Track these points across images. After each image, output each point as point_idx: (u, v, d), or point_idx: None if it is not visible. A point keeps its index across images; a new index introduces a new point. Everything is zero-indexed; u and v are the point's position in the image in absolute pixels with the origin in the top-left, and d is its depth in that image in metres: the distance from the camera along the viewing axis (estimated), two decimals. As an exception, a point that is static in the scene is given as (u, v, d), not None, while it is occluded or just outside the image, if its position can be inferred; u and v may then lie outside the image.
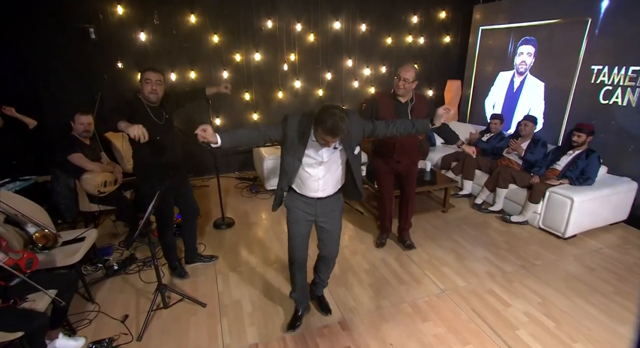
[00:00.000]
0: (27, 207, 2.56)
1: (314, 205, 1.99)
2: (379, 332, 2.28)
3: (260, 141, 1.86)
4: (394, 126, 1.98)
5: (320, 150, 1.82)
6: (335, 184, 1.99)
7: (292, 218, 2.06)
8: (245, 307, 2.54)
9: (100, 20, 4.14)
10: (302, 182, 1.94)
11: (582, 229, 3.35)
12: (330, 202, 2.02)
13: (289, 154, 1.86)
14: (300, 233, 2.08)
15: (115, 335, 2.27)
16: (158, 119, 2.44)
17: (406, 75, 2.57)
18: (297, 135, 1.79)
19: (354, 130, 1.83)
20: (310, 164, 1.87)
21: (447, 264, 2.99)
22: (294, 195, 2.01)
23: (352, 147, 1.87)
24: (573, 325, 2.30)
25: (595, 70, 3.70)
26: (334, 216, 2.07)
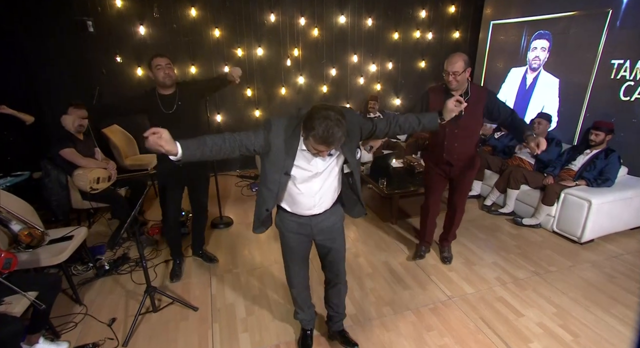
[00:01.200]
0: (14, 204, 2.46)
1: (308, 223, 1.67)
2: (380, 341, 2.12)
3: (235, 151, 1.47)
4: (396, 123, 1.67)
5: (313, 159, 1.49)
6: (332, 197, 1.67)
7: (285, 243, 1.77)
8: (239, 311, 2.40)
9: (99, 13, 4.05)
10: (292, 199, 1.61)
11: (601, 234, 3.14)
12: (328, 217, 1.69)
13: (273, 168, 1.51)
14: (297, 257, 1.79)
15: (100, 340, 2.15)
16: (166, 108, 2.34)
17: (455, 68, 2.20)
18: (284, 144, 1.45)
19: (352, 132, 1.52)
20: (302, 178, 1.53)
21: (454, 269, 2.81)
22: (284, 214, 1.69)
23: (353, 151, 1.56)
24: (593, 339, 2.11)
25: (615, 64, 3.48)
26: (335, 230, 1.75)
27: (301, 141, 1.45)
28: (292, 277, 1.87)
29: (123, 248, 3.16)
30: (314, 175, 1.54)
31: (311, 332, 2.09)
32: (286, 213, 1.68)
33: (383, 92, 5.38)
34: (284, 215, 1.70)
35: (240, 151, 1.47)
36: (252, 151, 1.48)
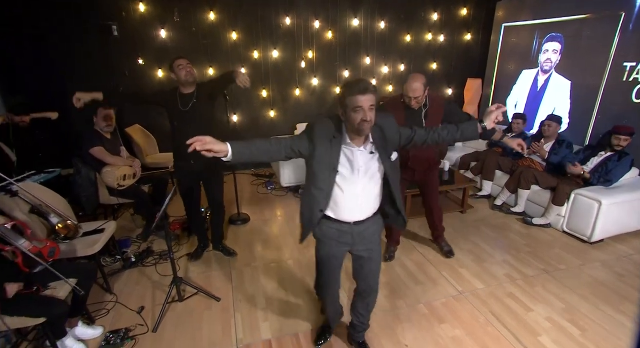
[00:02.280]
0: (51, 199, 2.64)
1: (349, 232, 1.68)
2: (394, 333, 2.23)
3: (282, 153, 1.57)
4: (435, 132, 1.66)
5: (354, 155, 1.55)
6: (374, 204, 1.70)
7: (323, 251, 1.76)
8: (259, 302, 2.53)
9: (123, 17, 4.23)
10: (336, 203, 1.63)
11: (611, 234, 3.19)
12: (370, 227, 1.71)
13: (321, 166, 1.56)
14: (333, 268, 1.78)
15: (132, 326, 2.31)
16: (182, 106, 2.50)
17: (416, 94, 2.34)
18: (330, 142, 1.54)
19: (389, 133, 1.58)
20: (346, 177, 1.58)
21: (465, 266, 2.90)
22: (326, 222, 1.69)
23: (389, 153, 1.59)
24: (601, 334, 2.19)
25: (628, 67, 3.53)
26: (374, 241, 1.76)
27: (344, 137, 1.54)
28: (323, 288, 1.87)
29: (147, 242, 3.33)
30: (356, 174, 1.57)
31: (333, 328, 2.18)
32: (328, 221, 1.69)
33: (395, 94, 5.47)
34: (325, 223, 1.70)
35: (286, 152, 1.57)
36: (298, 152, 1.57)
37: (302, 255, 3.11)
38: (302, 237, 1.77)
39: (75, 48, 4.17)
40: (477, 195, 4.20)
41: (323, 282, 1.85)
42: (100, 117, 3.15)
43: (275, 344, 2.17)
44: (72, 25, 4.08)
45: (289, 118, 5.12)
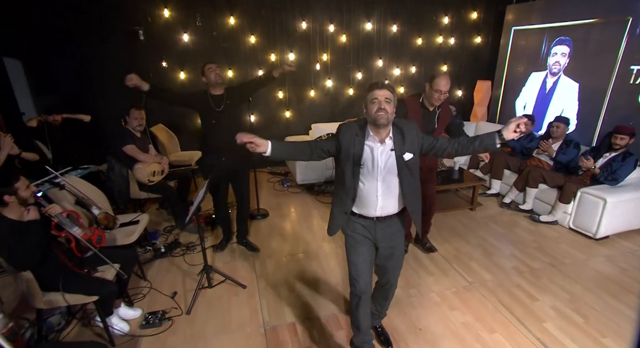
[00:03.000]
0: (91, 192, 2.87)
1: (372, 227, 1.84)
2: (408, 317, 2.41)
3: (314, 155, 1.79)
4: (457, 142, 1.77)
5: (376, 151, 1.71)
6: (395, 203, 1.82)
7: (350, 245, 1.90)
8: (281, 290, 2.73)
9: (149, 22, 4.47)
10: (359, 198, 1.80)
11: (616, 231, 3.33)
12: (392, 224, 1.86)
13: (347, 161, 1.75)
14: (362, 259, 1.87)
15: (167, 309, 2.52)
16: (216, 106, 2.72)
17: (447, 88, 2.47)
18: (351, 139, 1.73)
19: (409, 136, 1.73)
20: (367, 172, 1.74)
21: (474, 259, 3.07)
22: (352, 217, 1.87)
23: (402, 150, 1.73)
24: (603, 322, 2.34)
25: (635, 70, 3.65)
26: (397, 239, 1.90)
27: (367, 134, 1.72)
28: (356, 280, 1.89)
29: (173, 234, 3.55)
30: (375, 168, 1.72)
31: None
32: (354, 216, 1.85)
33: (406, 95, 5.64)
34: (351, 218, 1.86)
35: (316, 152, 1.79)
36: (327, 152, 1.79)
37: (319, 248, 3.30)
38: (330, 230, 1.93)
39: (104, 51, 4.41)
40: (486, 193, 4.35)
41: (353, 276, 1.90)
42: (132, 117, 3.38)
43: (299, 327, 2.36)
44: (102, 30, 4.33)
45: (304, 118, 5.31)
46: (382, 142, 1.72)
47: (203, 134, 2.92)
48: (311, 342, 2.24)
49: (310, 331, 2.32)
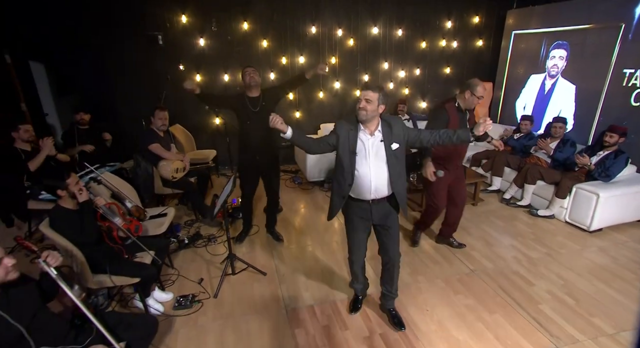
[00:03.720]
0: (122, 187, 3.12)
1: (368, 209, 2.14)
2: (417, 300, 2.65)
3: (321, 148, 2.14)
4: (437, 134, 2.09)
5: (367, 142, 2.04)
6: (385, 186, 2.10)
7: (349, 225, 2.25)
8: (299, 276, 2.97)
9: (167, 28, 4.72)
10: (356, 183, 2.10)
11: (609, 223, 3.56)
12: (384, 207, 2.16)
13: (344, 151, 2.08)
14: (359, 237, 2.26)
15: (196, 293, 2.77)
16: (252, 107, 2.97)
17: (484, 94, 2.70)
18: (347, 132, 2.07)
19: (396, 129, 2.05)
20: (360, 159, 2.05)
21: (476, 249, 3.31)
22: (350, 202, 2.18)
23: (390, 141, 2.04)
24: (592, 304, 2.58)
25: (627, 73, 3.88)
26: (390, 219, 2.20)
27: (359, 128, 2.06)
28: (353, 254, 2.34)
29: (194, 227, 3.80)
30: (366, 156, 2.05)
31: (362, 298, 2.61)
32: (352, 201, 2.17)
33: (411, 96, 5.87)
34: (349, 202, 2.18)
35: (324, 146, 2.14)
36: (331, 145, 2.13)
37: (331, 239, 3.55)
38: (330, 215, 2.27)
39: (125, 55, 4.67)
40: (488, 189, 4.58)
41: (351, 250, 2.35)
42: (157, 117, 3.62)
43: (317, 309, 2.60)
44: (124, 36, 4.59)
45: (313, 119, 5.56)
46: (372, 134, 2.06)
47: (240, 133, 3.16)
48: (328, 321, 2.48)
49: (326, 312, 2.57)
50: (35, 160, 3.34)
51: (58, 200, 2.17)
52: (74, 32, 4.46)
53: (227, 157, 5.25)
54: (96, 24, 4.49)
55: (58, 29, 4.43)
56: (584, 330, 2.34)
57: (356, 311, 2.55)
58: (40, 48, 4.67)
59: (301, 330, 2.41)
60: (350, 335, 2.36)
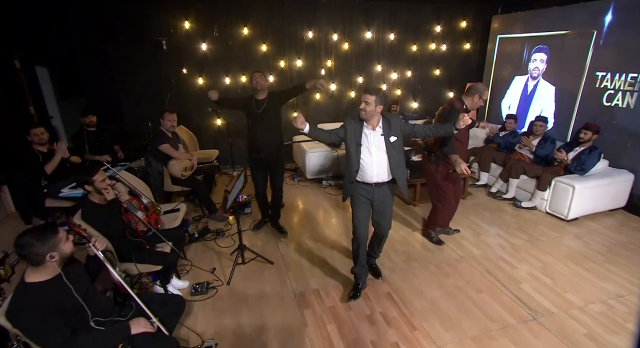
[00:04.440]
0: (137, 184, 3.34)
1: (371, 191, 2.56)
2: (411, 283, 2.94)
3: (332, 138, 2.54)
4: (428, 129, 2.53)
5: (370, 135, 2.45)
6: (385, 172, 2.52)
7: (354, 203, 2.64)
8: (304, 264, 3.24)
9: (171, 33, 4.93)
10: (362, 169, 2.52)
11: (584, 213, 3.90)
12: (384, 189, 2.58)
13: (351, 143, 2.49)
14: (362, 214, 2.63)
15: (210, 281, 3.01)
16: (256, 109, 3.24)
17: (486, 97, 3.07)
18: (354, 128, 2.49)
19: (393, 123, 2.46)
20: (365, 149, 2.47)
21: (465, 238, 3.61)
22: (357, 184, 2.58)
23: (389, 134, 2.45)
24: (566, 282, 2.90)
25: (599, 76, 4.23)
26: (387, 200, 2.63)
27: (363, 123, 2.46)
28: (357, 229, 2.65)
29: (202, 222, 4.03)
30: (369, 147, 2.47)
31: (361, 287, 2.82)
32: (357, 183, 2.58)
33: (402, 97, 6.18)
34: (356, 185, 2.59)
35: (333, 137, 2.55)
36: (340, 137, 2.54)
37: (332, 231, 3.82)
38: (344, 196, 2.70)
39: (131, 59, 4.87)
40: (475, 184, 4.91)
41: (355, 226, 2.67)
42: (167, 119, 3.84)
43: (322, 292, 2.87)
44: (129, 41, 4.79)
45: (310, 119, 5.65)
46: (374, 129, 2.46)
47: (248, 133, 3.44)
48: (333, 302, 2.75)
49: (331, 295, 2.84)
50: (50, 163, 3.53)
51: (88, 195, 2.39)
52: (81, 37, 4.65)
53: (229, 156, 5.47)
54: (103, 30, 4.68)
55: (65, 35, 4.61)
56: (558, 304, 2.66)
57: (356, 298, 2.76)
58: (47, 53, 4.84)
59: (309, 310, 2.68)
60: (353, 313, 2.64)
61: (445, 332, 2.45)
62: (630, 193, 4.02)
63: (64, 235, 1.54)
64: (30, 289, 1.46)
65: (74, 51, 4.74)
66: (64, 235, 1.54)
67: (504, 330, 2.44)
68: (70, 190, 3.34)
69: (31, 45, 4.62)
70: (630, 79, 3.91)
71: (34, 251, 1.41)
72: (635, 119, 3.93)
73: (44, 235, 1.44)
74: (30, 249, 1.40)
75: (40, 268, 1.48)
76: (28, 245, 1.40)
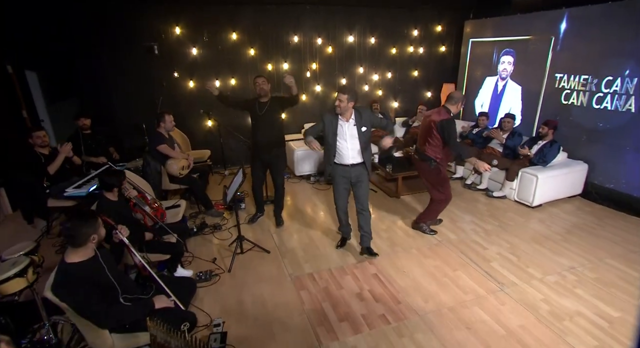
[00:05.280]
0: (139, 182, 3.55)
1: (348, 171, 3.16)
2: (395, 264, 3.29)
3: (316, 131, 3.14)
4: (386, 124, 3.24)
5: (344, 126, 3.03)
6: (357, 155, 3.12)
7: (335, 182, 3.26)
8: (298, 252, 3.54)
9: (163, 38, 5.12)
10: (339, 154, 3.13)
11: (546, 200, 4.36)
12: (359, 169, 3.16)
13: (329, 134, 3.07)
14: (342, 190, 3.28)
15: (212, 269, 3.26)
16: (259, 110, 3.53)
17: None
18: (330, 120, 3.06)
19: (365, 116, 3.03)
20: (341, 137, 3.06)
21: (443, 225, 4.00)
22: (336, 166, 3.19)
23: (360, 125, 3.03)
24: (529, 259, 3.32)
25: (558, 77, 4.71)
26: (363, 178, 3.20)
27: (338, 118, 3.02)
28: (338, 202, 3.35)
29: (199, 218, 4.26)
30: (344, 135, 3.05)
31: (347, 239, 3.58)
32: (337, 165, 3.19)
33: (384, 97, 6.56)
34: (336, 166, 3.20)
35: (316, 131, 3.15)
36: (320, 129, 3.13)
37: (323, 222, 4.13)
38: (325, 176, 3.42)
39: (123, 64, 5.03)
40: (452, 177, 5.32)
41: (336, 200, 3.35)
42: (167, 121, 4.05)
43: (316, 275, 3.18)
44: (122, 46, 4.95)
45: (297, 118, 6.11)
46: (347, 120, 3.02)
47: (251, 132, 3.75)
48: (326, 283, 3.07)
49: (324, 277, 3.15)
50: (53, 163, 3.69)
51: (104, 192, 2.62)
52: (74, 42, 4.78)
53: (220, 156, 5.69)
54: (97, 36, 4.83)
55: (59, 39, 4.73)
56: (521, 277, 3.06)
57: (342, 246, 3.58)
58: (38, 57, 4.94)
59: (305, 291, 2.98)
60: (345, 292, 2.96)
61: (425, 304, 2.80)
62: (585, 182, 4.51)
63: (100, 221, 1.79)
64: (72, 268, 1.70)
65: (66, 56, 4.85)
66: (100, 221, 1.79)
67: (476, 300, 2.82)
68: (74, 189, 3.51)
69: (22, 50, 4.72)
70: (582, 79, 4.40)
71: (82, 231, 1.66)
72: (589, 116, 4.42)
73: (89, 219, 1.69)
74: (80, 230, 1.65)
75: (80, 249, 1.72)
76: (78, 226, 1.65)
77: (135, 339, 1.98)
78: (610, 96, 4.18)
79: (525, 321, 2.58)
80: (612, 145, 4.25)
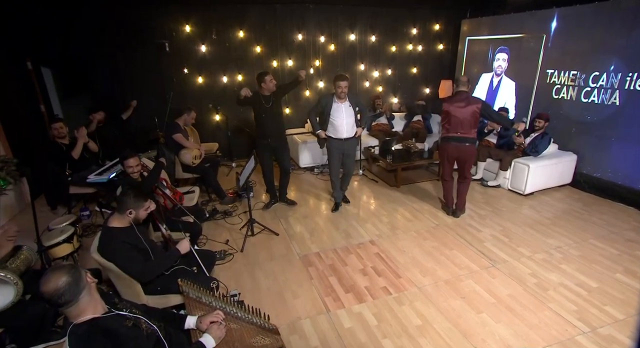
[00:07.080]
0: (157, 170, 3.80)
1: (342, 144, 3.92)
2: (396, 245, 3.55)
3: (316, 112, 3.93)
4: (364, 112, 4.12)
5: (339, 107, 3.79)
6: (351, 129, 3.89)
7: (330, 154, 4.05)
8: (305, 235, 3.80)
9: (173, 36, 5.37)
10: (335, 129, 3.85)
11: (537, 188, 4.62)
12: (351, 142, 3.96)
13: (324, 112, 3.85)
14: (335, 160, 4.04)
15: (226, 249, 3.52)
16: (265, 103, 3.80)
17: None
18: (326, 102, 3.82)
19: (353, 98, 3.86)
20: (336, 115, 3.81)
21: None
22: (332, 140, 3.95)
23: (353, 105, 3.85)
24: (519, 240, 3.58)
25: (549, 73, 4.97)
26: (352, 148, 4.02)
27: (334, 98, 3.75)
28: (332, 169, 4.10)
29: (210, 205, 4.51)
30: (339, 114, 3.79)
31: (339, 203, 4.30)
32: (333, 139, 3.93)
33: (384, 93, 6.81)
34: (331, 140, 3.94)
35: (317, 111, 3.94)
36: (318, 110, 3.91)
37: (326, 209, 4.39)
38: (320, 145, 4.13)
39: (137, 61, 5.28)
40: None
41: (331, 168, 4.12)
42: (190, 116, 4.36)
43: (322, 254, 3.44)
44: (135, 44, 5.20)
45: (300, 113, 6.35)
46: (342, 102, 3.78)
47: (257, 124, 4.00)
48: (332, 261, 3.32)
49: (330, 256, 3.41)
50: (75, 149, 3.96)
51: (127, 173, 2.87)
52: (90, 41, 5.03)
53: (227, 149, 5.94)
54: (111, 34, 5.07)
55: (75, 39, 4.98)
56: (512, 254, 3.33)
57: (337, 210, 4.28)
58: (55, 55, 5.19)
59: (313, 268, 3.24)
60: (350, 268, 3.21)
61: (423, 278, 3.06)
62: (574, 171, 4.77)
63: (148, 206, 2.05)
64: (114, 231, 1.96)
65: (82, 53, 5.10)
66: (148, 206, 2.05)
67: (470, 275, 3.08)
68: (97, 176, 3.76)
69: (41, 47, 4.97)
70: (571, 75, 4.67)
71: (125, 201, 1.91)
72: (577, 109, 4.68)
73: (138, 197, 1.95)
74: (126, 199, 1.90)
75: (122, 217, 1.98)
76: (127, 195, 1.90)
77: (166, 300, 2.23)
78: (597, 90, 4.45)
79: (514, 291, 2.84)
80: (598, 136, 4.52)
